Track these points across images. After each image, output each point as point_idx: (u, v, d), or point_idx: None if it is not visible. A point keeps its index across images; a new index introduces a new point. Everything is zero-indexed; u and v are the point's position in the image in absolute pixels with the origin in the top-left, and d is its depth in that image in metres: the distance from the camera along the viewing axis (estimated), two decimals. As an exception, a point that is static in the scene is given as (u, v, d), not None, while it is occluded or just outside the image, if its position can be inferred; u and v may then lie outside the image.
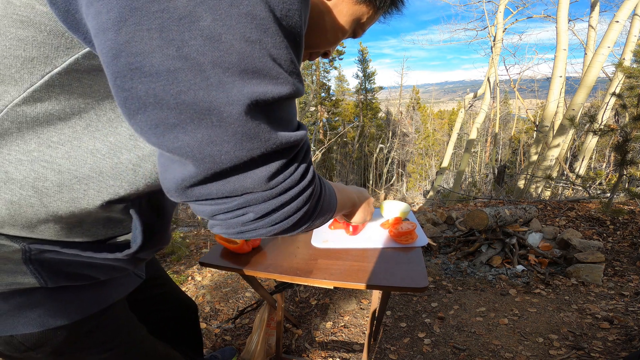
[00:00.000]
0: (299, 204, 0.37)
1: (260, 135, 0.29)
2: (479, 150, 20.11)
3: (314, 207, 0.42)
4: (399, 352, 1.54)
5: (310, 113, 19.56)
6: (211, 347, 1.57)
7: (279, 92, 0.29)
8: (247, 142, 0.29)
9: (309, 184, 0.38)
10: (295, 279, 0.82)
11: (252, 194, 0.33)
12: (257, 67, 0.27)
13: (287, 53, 0.29)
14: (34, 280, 0.45)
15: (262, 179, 0.32)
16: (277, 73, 0.29)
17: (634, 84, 3.79)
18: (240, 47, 0.26)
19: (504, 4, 9.27)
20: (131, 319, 0.65)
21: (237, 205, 0.34)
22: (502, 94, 19.43)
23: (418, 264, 0.83)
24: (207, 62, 0.26)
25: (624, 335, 1.58)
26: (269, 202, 0.34)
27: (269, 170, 0.32)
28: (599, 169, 11.28)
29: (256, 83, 0.27)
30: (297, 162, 0.35)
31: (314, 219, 0.44)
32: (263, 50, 0.27)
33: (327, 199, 0.48)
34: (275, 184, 0.33)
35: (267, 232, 0.38)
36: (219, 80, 0.26)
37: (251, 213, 0.35)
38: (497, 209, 2.65)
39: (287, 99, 0.31)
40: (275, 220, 0.37)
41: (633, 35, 5.60)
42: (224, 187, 0.31)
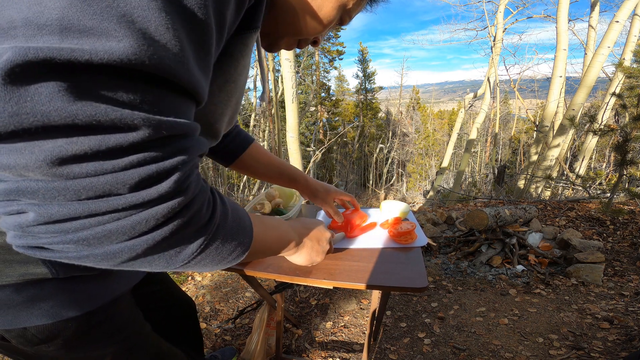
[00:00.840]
0: (138, 222, 0.27)
1: (38, 98, 0.22)
2: (479, 150, 20.11)
3: (191, 234, 0.32)
4: (399, 352, 1.54)
5: (310, 113, 19.56)
6: (211, 347, 1.57)
7: (94, 50, 0.22)
8: (11, 103, 0.21)
9: (167, 195, 0.28)
10: (295, 279, 0.82)
11: (27, 179, 0.24)
12: (76, 24, 0.22)
13: (152, 13, 0.24)
14: (46, 270, 0.45)
15: (45, 157, 0.23)
16: (107, 28, 0.23)
17: (634, 84, 3.79)
18: (65, 4, 0.22)
19: (504, 4, 9.27)
20: (137, 313, 0.66)
21: (5, 191, 0.25)
22: (502, 94, 19.44)
23: (418, 264, 0.83)
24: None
25: (624, 335, 1.58)
26: (62, 204, 0.25)
27: (63, 149, 0.23)
28: (599, 169, 11.28)
29: (58, 39, 0.22)
30: (143, 153, 0.26)
31: (197, 253, 0.34)
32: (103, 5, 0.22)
33: (228, 230, 0.38)
34: (73, 173, 0.24)
35: (83, 256, 0.28)
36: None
37: (31, 212, 0.25)
38: (497, 209, 2.65)
39: (117, 68, 0.23)
40: (88, 239, 0.26)
41: (633, 35, 5.60)
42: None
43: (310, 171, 12.85)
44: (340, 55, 21.50)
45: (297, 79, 9.39)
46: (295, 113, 4.79)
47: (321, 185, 0.99)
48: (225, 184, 10.30)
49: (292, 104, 4.69)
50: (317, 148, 13.21)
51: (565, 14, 6.33)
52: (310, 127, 19.94)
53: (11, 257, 0.44)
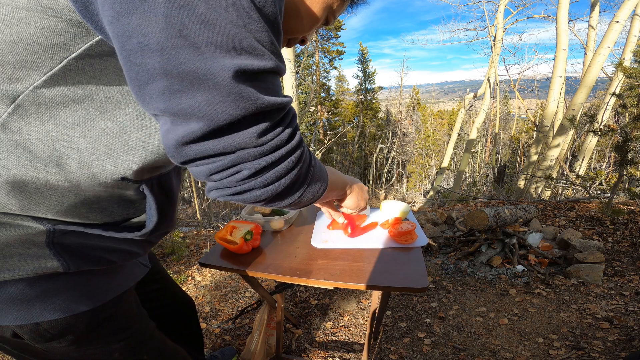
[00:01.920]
0: (289, 164, 0.41)
1: (250, 96, 0.34)
2: (479, 150, 20.11)
3: (305, 173, 0.46)
4: (399, 352, 1.54)
5: (310, 113, 19.55)
6: (211, 347, 1.57)
7: (262, 65, 0.35)
8: (239, 101, 0.34)
9: (297, 146, 0.42)
10: (295, 279, 0.82)
11: (244, 150, 0.37)
12: (243, 46, 0.33)
13: (267, 36, 0.35)
14: (58, 263, 0.47)
15: (253, 135, 0.36)
16: (261, 51, 0.34)
17: (634, 84, 3.79)
18: (229, 30, 0.32)
19: (504, 4, 9.27)
20: (141, 309, 0.67)
21: (231, 162, 0.37)
22: (502, 94, 19.44)
23: (418, 264, 0.83)
24: (202, 41, 0.31)
25: (624, 335, 1.58)
26: (261, 159, 0.38)
27: (259, 128, 0.37)
28: (599, 169, 11.28)
29: (243, 58, 0.33)
30: (284, 125, 0.40)
31: (306, 186, 0.48)
32: (248, 33, 0.33)
33: (318, 169, 0.52)
34: (265, 140, 0.37)
35: (261, 194, 0.41)
36: (212, 55, 0.32)
37: (245, 170, 0.38)
38: (497, 209, 2.65)
39: (270, 72, 0.36)
40: (268, 180, 0.40)
41: (633, 35, 5.60)
42: (219, 143, 0.35)
43: (310, 171, 12.79)
44: (340, 55, 21.50)
45: (297, 79, 9.37)
46: (295, 113, 4.79)
47: None
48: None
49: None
50: (317, 148, 13.21)
51: (565, 14, 6.33)
52: (310, 127, 19.93)
53: (24, 252, 0.45)
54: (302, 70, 17.56)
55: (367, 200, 0.84)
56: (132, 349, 0.62)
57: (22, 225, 0.44)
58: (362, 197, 0.81)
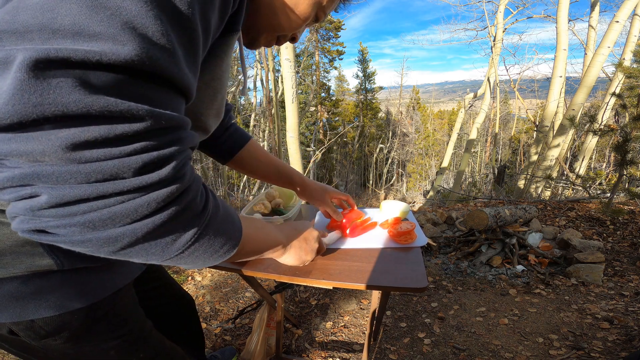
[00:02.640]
0: (142, 205, 0.30)
1: (59, 91, 0.25)
2: (479, 150, 20.11)
3: (186, 223, 0.34)
4: (399, 352, 1.54)
5: (310, 113, 19.56)
6: (211, 347, 1.57)
7: (100, 53, 0.25)
8: (35, 95, 0.24)
9: (165, 180, 0.30)
10: (294, 279, 0.81)
11: (43, 164, 0.26)
12: (66, 25, 0.25)
13: (149, 21, 0.27)
14: (51, 261, 0.47)
15: (60, 144, 0.26)
16: (108, 34, 0.26)
17: (634, 84, 3.79)
18: (76, 12, 0.25)
19: (504, 4, 9.27)
20: (138, 308, 0.67)
21: (21, 176, 0.26)
22: (502, 94, 19.44)
23: (418, 264, 0.83)
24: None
25: (624, 335, 1.58)
26: (73, 186, 0.27)
27: (77, 135, 0.26)
28: (599, 169, 11.28)
29: (66, 41, 0.25)
30: (145, 141, 0.29)
31: (191, 242, 0.36)
32: (108, 13, 0.26)
33: (220, 221, 0.41)
34: (85, 158, 0.27)
35: (85, 240, 0.29)
36: (23, 31, 0.25)
37: (44, 195, 0.27)
38: (497, 209, 2.65)
39: (124, 67, 0.27)
40: (93, 221, 0.28)
41: (633, 35, 5.60)
42: (6, 144, 0.26)
43: (310, 171, 12.85)
44: (340, 55, 21.49)
45: (297, 79, 9.39)
46: (295, 113, 4.79)
47: (318, 185, 1.00)
48: (225, 184, 10.31)
49: (292, 104, 4.69)
50: (317, 148, 13.21)
51: (565, 14, 6.33)
52: (310, 127, 19.93)
53: (18, 250, 0.45)
54: (302, 70, 17.57)
55: (315, 251, 0.73)
56: (129, 347, 0.62)
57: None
58: (306, 251, 0.70)
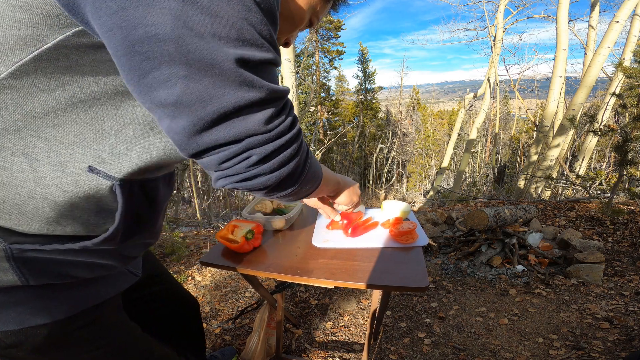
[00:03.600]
0: (292, 151, 0.44)
1: (255, 83, 0.36)
2: (479, 150, 20.10)
3: (303, 162, 0.48)
4: (399, 352, 1.54)
5: (310, 113, 19.54)
6: (211, 347, 1.57)
7: (263, 56, 0.37)
8: (245, 87, 0.35)
9: (297, 134, 0.44)
10: (295, 278, 0.82)
11: (253, 137, 0.38)
12: (245, 37, 0.35)
13: (267, 28, 0.37)
14: (15, 278, 0.45)
15: (261, 121, 0.38)
16: (261, 42, 0.37)
17: (634, 84, 3.79)
18: (231, 22, 0.34)
19: (504, 4, 9.27)
20: (123, 318, 0.65)
21: (242, 148, 0.38)
22: (502, 94, 19.44)
23: (418, 263, 0.83)
24: (206, 32, 0.33)
25: (624, 335, 1.58)
26: (268, 145, 0.40)
27: (265, 114, 0.38)
28: (599, 169, 11.28)
29: (246, 48, 0.35)
30: (285, 113, 0.42)
31: (305, 176, 0.50)
32: (249, 26, 0.35)
33: (314, 162, 0.54)
34: (272, 127, 0.40)
35: (268, 179, 0.43)
36: (217, 45, 0.33)
37: (254, 155, 0.40)
38: (497, 209, 2.65)
39: (270, 63, 0.38)
40: (274, 165, 0.42)
41: (633, 35, 5.60)
42: (229, 131, 0.37)
43: (310, 171, 12.79)
44: (340, 55, 21.49)
45: (297, 79, 9.37)
46: (295, 113, 4.78)
47: None
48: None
49: (292, 103, 4.69)
50: (317, 148, 13.21)
51: (565, 14, 6.33)
52: (310, 127, 19.92)
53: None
54: (302, 70, 17.56)
55: (359, 196, 0.87)
56: (110, 357, 0.61)
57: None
58: (354, 193, 0.84)
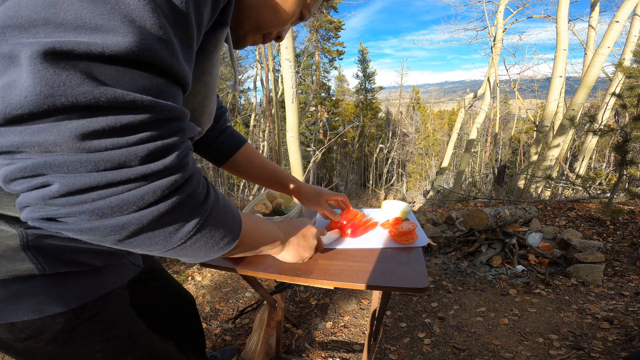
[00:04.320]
0: (147, 193, 0.31)
1: (68, 82, 0.26)
2: (479, 150, 20.10)
3: (187, 213, 0.35)
4: (399, 352, 1.54)
5: (310, 113, 19.55)
6: (211, 347, 1.57)
7: (103, 45, 0.27)
8: (45, 86, 0.26)
9: (169, 169, 0.32)
10: (295, 279, 0.81)
11: (54, 154, 0.27)
12: (69, 19, 0.26)
13: (147, 14, 0.28)
14: (32, 266, 0.46)
15: (71, 134, 0.27)
16: (109, 27, 0.27)
17: (634, 84, 3.79)
18: (78, 6, 0.26)
19: (504, 4, 9.26)
20: (129, 311, 0.66)
21: (33, 167, 0.27)
22: (502, 94, 19.43)
23: (418, 264, 0.83)
24: (5, 15, 0.26)
25: (624, 335, 1.58)
26: (84, 174, 0.28)
27: (86, 126, 0.27)
28: (599, 169, 11.28)
29: (69, 34, 0.26)
30: (150, 131, 0.30)
31: (192, 233, 0.37)
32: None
33: (221, 213, 0.42)
34: (93, 147, 0.28)
35: (92, 227, 0.30)
36: (19, 31, 0.26)
37: (56, 184, 0.28)
38: (497, 209, 2.65)
39: (123, 59, 0.28)
40: (101, 209, 0.30)
41: (633, 35, 5.60)
42: (15, 136, 0.27)
43: (310, 171, 12.84)
44: (340, 55, 21.47)
45: (297, 79, 9.38)
46: (295, 113, 4.79)
47: (313, 188, 1.00)
48: (225, 184, 10.31)
49: (292, 104, 4.69)
50: (317, 148, 13.21)
51: (565, 14, 6.33)
52: (310, 127, 19.92)
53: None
54: (302, 70, 17.56)
55: (313, 248, 0.74)
56: (117, 349, 0.61)
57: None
58: (304, 248, 0.71)
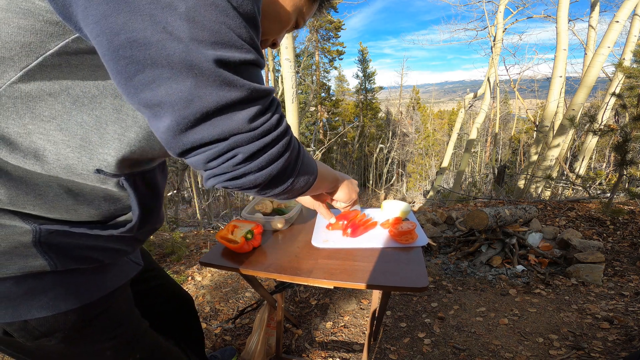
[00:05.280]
0: (280, 148, 0.44)
1: (236, 83, 0.37)
2: (479, 150, 20.11)
3: (295, 159, 0.48)
4: (399, 352, 1.54)
5: (310, 113, 19.54)
6: (211, 347, 1.57)
7: (243, 57, 0.38)
8: (225, 87, 0.36)
9: (285, 131, 0.45)
10: (295, 278, 0.82)
11: (238, 135, 0.39)
12: (223, 39, 0.36)
13: (246, 31, 0.38)
14: (45, 262, 0.47)
15: (244, 120, 0.39)
16: (240, 44, 0.38)
17: (634, 84, 3.79)
18: (209, 26, 0.35)
19: (504, 4, 9.26)
20: (133, 309, 0.67)
21: (227, 147, 0.39)
22: (502, 94, 19.43)
23: (418, 263, 0.83)
24: (185, 36, 0.34)
25: (624, 335, 1.58)
26: (254, 143, 0.41)
27: (249, 113, 0.39)
28: (599, 169, 11.28)
29: (224, 50, 0.36)
30: (271, 111, 0.43)
31: (297, 173, 0.50)
32: (227, 29, 0.36)
33: (307, 158, 0.54)
34: (256, 125, 0.40)
35: (256, 178, 0.43)
36: (196, 47, 0.35)
37: (240, 154, 0.40)
38: (497, 209, 2.65)
39: (251, 64, 0.39)
40: (262, 163, 0.42)
41: (633, 35, 5.60)
42: (213, 129, 0.37)
43: (310, 171, 12.79)
44: (340, 55, 21.48)
45: (297, 79, 9.37)
46: (295, 113, 4.79)
47: None
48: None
49: (292, 104, 4.69)
50: (317, 148, 13.21)
51: (565, 14, 6.33)
52: (310, 127, 19.92)
53: (11, 251, 0.45)
54: (302, 70, 17.56)
55: (358, 193, 0.86)
56: (124, 347, 0.62)
57: (8, 225, 0.45)
58: (353, 190, 0.82)
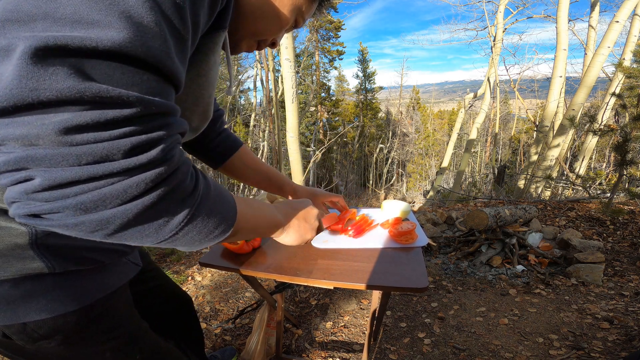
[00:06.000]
0: (130, 186, 0.30)
1: (55, 77, 0.26)
2: (479, 150, 20.10)
3: (177, 203, 0.34)
4: (399, 352, 1.54)
5: (310, 113, 19.55)
6: (211, 347, 1.57)
7: (95, 40, 0.27)
8: (32, 80, 0.26)
9: (153, 162, 0.31)
10: (295, 279, 0.82)
11: (36, 147, 0.27)
12: (66, 14, 0.27)
13: (145, 11, 0.29)
14: (42, 264, 0.47)
15: (53, 127, 0.26)
16: (105, 22, 0.27)
17: (634, 84, 3.79)
18: (77, 1, 0.27)
19: (504, 4, 9.26)
20: (132, 310, 0.67)
21: (16, 160, 0.27)
22: (502, 94, 19.42)
23: (418, 264, 0.83)
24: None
25: (624, 335, 1.58)
26: (65, 169, 0.28)
27: (70, 120, 0.27)
28: (599, 169, 11.28)
29: (64, 29, 0.27)
30: (134, 126, 0.30)
31: (184, 223, 0.36)
32: (109, 3, 0.28)
33: (212, 201, 0.40)
34: (75, 141, 0.27)
35: (78, 223, 0.30)
36: (17, 25, 0.26)
37: (38, 178, 0.27)
38: (497, 209, 2.65)
39: (115, 55, 0.28)
40: (85, 203, 0.29)
41: (633, 35, 5.60)
42: (2, 129, 0.27)
43: (311, 171, 12.84)
44: (340, 55, 21.47)
45: (297, 79, 9.38)
46: (295, 113, 4.79)
47: (307, 190, 1.01)
48: (225, 184, 10.30)
49: (292, 104, 4.69)
50: (317, 148, 13.21)
51: (565, 14, 6.32)
52: (310, 127, 19.93)
53: (8, 253, 0.45)
54: (302, 70, 17.56)
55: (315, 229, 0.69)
56: (124, 348, 0.62)
57: (4, 226, 0.44)
58: (306, 230, 0.65)
